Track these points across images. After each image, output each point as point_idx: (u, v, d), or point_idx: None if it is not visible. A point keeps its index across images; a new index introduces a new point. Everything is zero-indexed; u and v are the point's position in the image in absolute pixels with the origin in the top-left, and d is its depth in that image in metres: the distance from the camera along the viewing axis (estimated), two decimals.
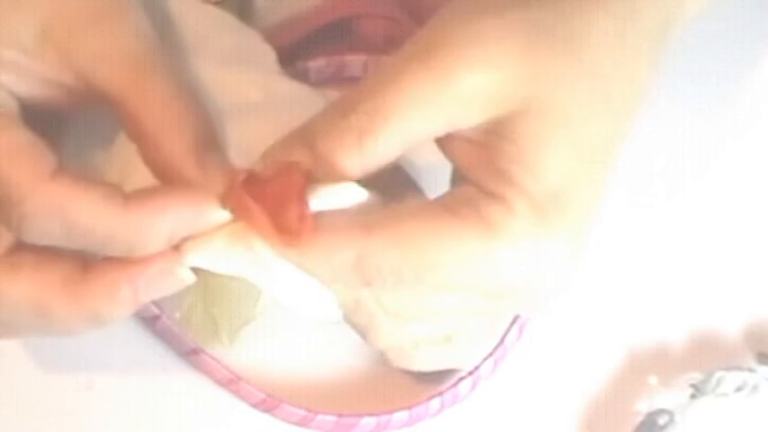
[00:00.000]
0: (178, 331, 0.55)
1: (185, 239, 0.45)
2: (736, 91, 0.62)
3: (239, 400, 0.55)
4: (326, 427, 0.55)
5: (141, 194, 0.44)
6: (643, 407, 0.55)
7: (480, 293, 0.46)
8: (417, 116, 0.44)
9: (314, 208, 0.45)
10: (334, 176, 0.45)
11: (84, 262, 0.45)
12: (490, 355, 0.56)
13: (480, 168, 0.45)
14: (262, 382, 0.55)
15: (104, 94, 0.46)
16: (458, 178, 0.47)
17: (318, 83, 0.60)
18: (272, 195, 0.44)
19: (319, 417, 0.55)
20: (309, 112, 0.50)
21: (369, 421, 0.55)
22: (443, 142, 0.46)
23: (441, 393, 0.55)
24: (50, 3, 0.46)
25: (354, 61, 0.61)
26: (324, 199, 0.45)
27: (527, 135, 0.44)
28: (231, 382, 0.55)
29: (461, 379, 0.55)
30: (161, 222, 0.44)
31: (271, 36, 0.57)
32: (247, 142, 0.49)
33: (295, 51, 0.60)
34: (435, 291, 0.46)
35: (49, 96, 0.47)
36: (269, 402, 0.55)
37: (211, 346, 0.51)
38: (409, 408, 0.55)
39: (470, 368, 0.55)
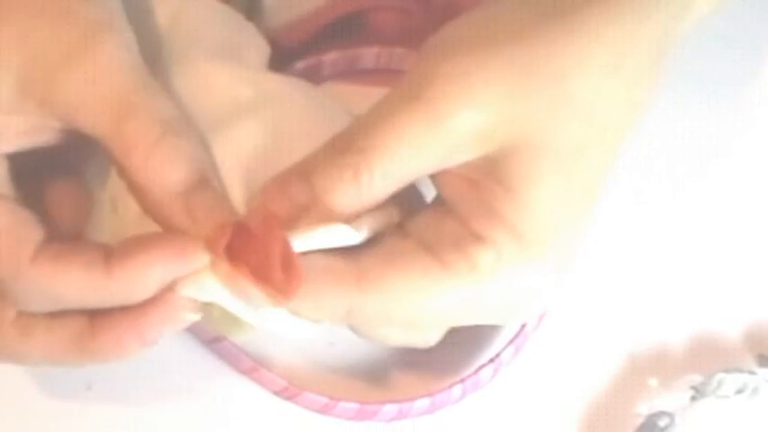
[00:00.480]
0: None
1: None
2: (736, 93, 0.62)
3: (261, 388, 0.55)
4: (348, 415, 0.55)
5: (123, 253, 0.44)
6: (643, 409, 0.55)
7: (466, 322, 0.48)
8: (408, 154, 0.45)
9: (300, 249, 0.45)
10: (331, 213, 0.45)
11: (95, 310, 0.45)
12: (511, 342, 0.56)
13: (471, 206, 0.46)
14: (283, 370, 0.55)
15: (90, 137, 0.45)
16: (442, 203, 0.47)
17: (332, 76, 0.60)
18: (256, 254, 0.44)
19: (341, 404, 0.55)
20: (299, 108, 0.50)
21: (390, 408, 0.55)
22: (435, 176, 0.46)
23: (462, 380, 0.55)
24: (25, 50, 0.45)
25: (367, 54, 0.61)
26: (312, 241, 0.45)
27: (519, 176, 0.45)
28: (253, 370, 0.55)
29: (482, 366, 0.55)
30: (146, 278, 0.44)
31: (283, 31, 0.57)
32: (239, 144, 0.48)
33: (309, 46, 0.60)
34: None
35: (40, 140, 0.46)
36: (291, 390, 0.55)
37: (233, 336, 0.52)
38: (431, 395, 0.55)
39: (492, 355, 0.56)
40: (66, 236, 0.49)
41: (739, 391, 0.55)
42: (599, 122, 0.46)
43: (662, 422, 0.54)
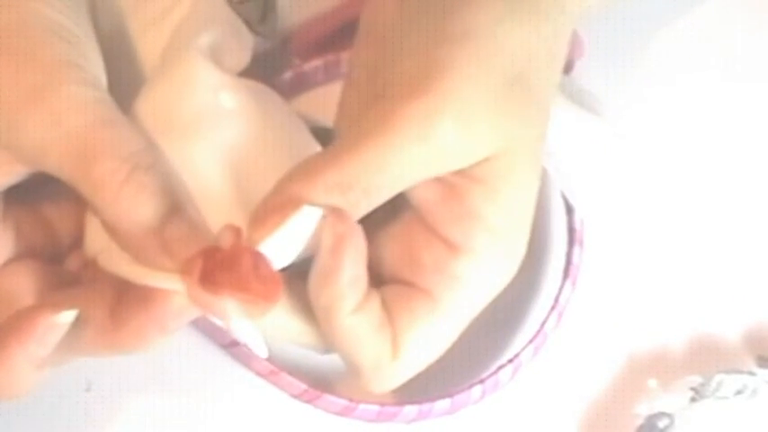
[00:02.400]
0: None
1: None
2: (736, 92, 0.62)
3: (280, 391, 0.55)
4: (369, 417, 0.55)
5: None
6: (643, 409, 0.55)
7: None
8: (397, 175, 0.44)
9: (277, 249, 0.44)
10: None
11: (114, 304, 0.45)
12: (530, 341, 0.56)
13: (444, 211, 0.46)
14: (303, 373, 0.55)
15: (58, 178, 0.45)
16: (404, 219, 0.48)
17: None
18: (230, 272, 0.43)
19: (361, 406, 0.54)
20: (273, 126, 0.50)
21: (411, 410, 0.54)
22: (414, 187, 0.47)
23: (482, 381, 0.55)
24: None
25: None
26: (283, 237, 0.45)
27: (501, 177, 0.46)
28: (272, 374, 0.55)
29: (502, 366, 0.55)
30: (17, 370, 0.45)
31: (301, 29, 0.57)
32: (223, 147, 0.49)
33: (326, 44, 0.60)
34: None
35: (5, 183, 0.46)
36: (310, 393, 0.55)
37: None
38: (451, 395, 0.55)
39: (511, 355, 0.56)
40: (66, 247, 0.49)
41: (739, 393, 0.55)
42: (545, 108, 0.48)
43: (661, 423, 0.54)
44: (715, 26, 0.62)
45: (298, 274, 0.46)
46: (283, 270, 0.44)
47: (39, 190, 0.48)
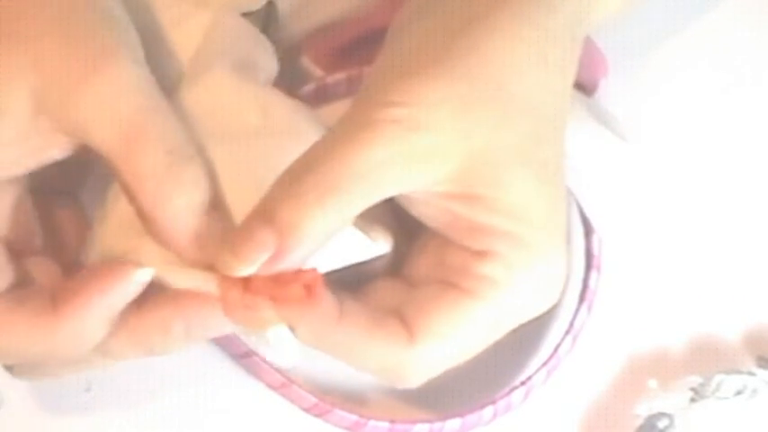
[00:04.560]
0: (231, 334, 0.55)
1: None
2: (738, 98, 0.62)
3: (290, 404, 0.55)
4: None
5: (68, 293, 0.45)
6: (643, 410, 0.55)
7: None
8: (365, 179, 0.44)
9: (323, 268, 0.45)
10: (300, 244, 0.44)
11: (139, 296, 0.46)
12: (544, 364, 0.56)
13: (463, 231, 0.46)
14: (314, 387, 0.55)
15: (99, 154, 0.46)
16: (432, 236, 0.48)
17: None
18: (269, 279, 0.44)
19: (371, 423, 0.54)
20: (305, 141, 0.50)
21: (421, 428, 0.54)
22: (420, 211, 0.47)
23: (494, 402, 0.55)
24: (40, 71, 0.45)
25: None
26: (332, 257, 0.45)
27: (490, 183, 0.46)
28: (283, 386, 0.55)
29: (514, 388, 0.55)
30: (92, 315, 0.45)
31: (326, 36, 0.57)
32: (247, 171, 0.49)
33: (349, 52, 0.59)
34: None
35: (46, 158, 0.46)
36: (321, 407, 0.54)
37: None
38: (462, 415, 0.54)
39: (523, 378, 0.56)
40: (70, 262, 0.49)
41: (738, 393, 0.55)
42: (544, 114, 0.47)
43: (661, 423, 0.54)
44: (741, 46, 0.61)
45: None
46: None
47: (52, 201, 0.50)
